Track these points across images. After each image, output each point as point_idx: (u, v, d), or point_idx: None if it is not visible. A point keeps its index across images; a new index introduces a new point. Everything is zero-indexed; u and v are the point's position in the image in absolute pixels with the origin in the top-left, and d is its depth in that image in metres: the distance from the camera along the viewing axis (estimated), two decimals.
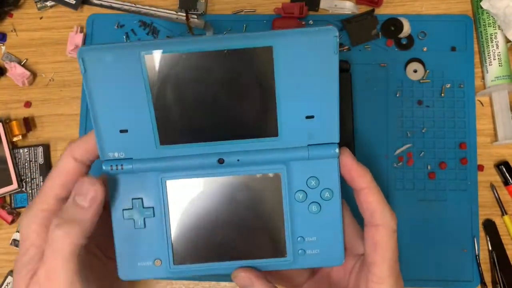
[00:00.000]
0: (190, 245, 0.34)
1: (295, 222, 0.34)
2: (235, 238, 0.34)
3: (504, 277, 0.48)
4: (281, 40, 0.30)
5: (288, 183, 0.33)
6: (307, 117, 0.32)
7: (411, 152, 0.50)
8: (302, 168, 0.33)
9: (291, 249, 0.34)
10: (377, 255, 0.32)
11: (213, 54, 0.30)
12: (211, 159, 0.33)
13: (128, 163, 0.33)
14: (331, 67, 0.31)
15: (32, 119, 0.53)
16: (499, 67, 0.50)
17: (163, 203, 0.33)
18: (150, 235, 0.34)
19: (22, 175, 0.51)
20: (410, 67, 0.51)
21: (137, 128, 0.32)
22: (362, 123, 0.50)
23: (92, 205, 0.30)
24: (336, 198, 0.34)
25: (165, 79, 0.31)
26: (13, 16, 0.54)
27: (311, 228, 0.34)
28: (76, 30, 0.53)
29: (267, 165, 0.33)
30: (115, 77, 0.31)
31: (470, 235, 0.49)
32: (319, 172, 0.33)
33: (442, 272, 0.48)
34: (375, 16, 0.52)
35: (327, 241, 0.34)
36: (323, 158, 0.33)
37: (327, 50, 0.30)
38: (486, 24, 0.51)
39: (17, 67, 0.52)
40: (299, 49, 0.30)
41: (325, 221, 0.34)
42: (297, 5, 0.51)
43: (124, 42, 0.29)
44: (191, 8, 0.53)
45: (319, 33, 0.30)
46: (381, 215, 0.32)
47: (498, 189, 0.50)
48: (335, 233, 0.34)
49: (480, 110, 0.51)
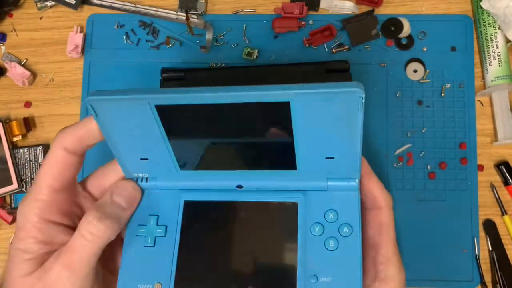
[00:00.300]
0: (194, 273, 0.32)
1: (309, 258, 0.31)
2: (243, 271, 0.31)
3: (504, 277, 0.48)
4: (299, 97, 0.27)
5: (305, 213, 0.32)
6: (327, 157, 0.31)
7: (411, 152, 0.50)
8: (320, 200, 0.32)
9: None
10: (383, 236, 0.33)
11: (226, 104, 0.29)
12: (230, 182, 0.33)
13: (152, 180, 0.33)
14: (355, 122, 0.28)
15: (32, 119, 0.53)
16: (499, 67, 0.50)
17: (177, 222, 0.33)
18: (157, 255, 0.32)
19: (22, 175, 0.51)
20: (410, 67, 0.51)
21: (156, 158, 0.32)
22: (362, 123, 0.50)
23: (130, 207, 0.31)
24: (356, 235, 0.31)
25: (179, 121, 0.30)
26: (13, 16, 0.54)
27: (326, 266, 0.31)
28: (76, 30, 0.53)
29: (285, 193, 0.32)
30: (126, 120, 0.30)
31: (470, 235, 0.49)
32: (338, 206, 0.32)
33: (442, 272, 0.48)
34: (375, 16, 0.52)
35: (344, 283, 0.30)
36: (342, 190, 0.32)
37: (352, 109, 0.27)
38: (486, 24, 0.51)
39: (17, 67, 0.52)
40: (320, 105, 0.27)
41: (342, 260, 0.31)
42: (297, 5, 0.51)
43: (133, 90, 0.28)
44: (191, 8, 0.53)
45: (345, 95, 0.27)
46: (382, 197, 0.33)
47: (498, 189, 0.50)
48: (353, 275, 0.30)
49: (480, 110, 0.51)
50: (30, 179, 0.51)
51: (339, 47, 0.52)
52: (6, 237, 0.51)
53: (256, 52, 0.52)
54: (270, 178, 0.32)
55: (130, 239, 0.33)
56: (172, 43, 0.53)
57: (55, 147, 0.31)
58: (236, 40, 0.52)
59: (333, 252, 0.31)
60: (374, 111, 0.51)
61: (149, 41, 0.53)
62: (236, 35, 0.53)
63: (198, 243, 0.32)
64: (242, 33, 0.52)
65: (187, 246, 0.32)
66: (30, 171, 0.51)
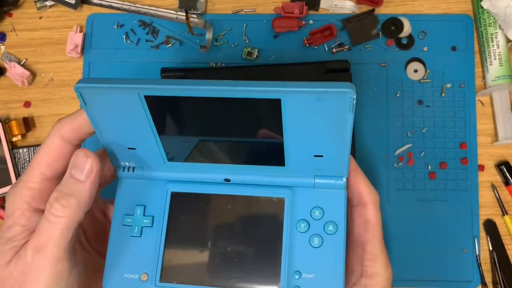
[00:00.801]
0: (180, 264, 0.32)
1: (293, 255, 0.31)
2: (228, 264, 0.32)
3: (504, 277, 0.48)
4: (291, 95, 0.27)
5: (292, 210, 0.32)
6: (316, 155, 0.31)
7: (411, 152, 0.50)
8: (307, 197, 0.32)
9: (285, 284, 0.31)
10: (369, 233, 0.33)
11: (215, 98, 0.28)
12: (218, 175, 0.33)
13: (139, 169, 0.33)
14: (345, 123, 0.28)
15: (31, 119, 0.53)
16: (500, 67, 0.50)
17: (163, 213, 0.33)
18: (144, 245, 0.33)
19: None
20: (410, 67, 0.51)
21: (144, 148, 0.32)
22: (362, 123, 0.50)
23: (88, 178, 0.30)
24: (340, 233, 0.31)
25: (168, 113, 0.30)
26: (12, 16, 0.54)
27: (310, 263, 0.31)
28: (75, 30, 0.53)
29: (272, 189, 0.32)
30: (115, 110, 0.30)
31: (471, 235, 0.49)
32: (325, 203, 0.32)
33: (442, 272, 0.48)
34: (375, 16, 0.52)
35: (326, 281, 0.31)
36: (329, 188, 0.32)
37: (343, 109, 0.27)
38: (486, 24, 0.50)
39: (17, 67, 0.52)
40: (311, 104, 0.28)
41: (326, 257, 0.31)
42: (297, 4, 0.51)
43: (123, 80, 0.27)
44: (191, 8, 0.53)
45: (336, 95, 0.27)
46: (369, 194, 0.34)
47: (499, 189, 0.50)
48: (336, 273, 0.31)
49: (480, 110, 0.51)
50: None
51: (339, 47, 0.52)
52: None
53: (256, 52, 0.52)
54: (258, 173, 0.32)
55: (117, 228, 0.33)
56: (172, 43, 0.53)
57: (52, 135, 0.31)
58: (236, 40, 0.52)
59: (317, 250, 0.31)
60: (374, 111, 0.51)
61: (149, 41, 0.53)
62: (236, 34, 0.52)
63: (184, 234, 0.33)
64: (242, 32, 0.52)
65: (174, 236, 0.32)
66: None
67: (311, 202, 0.32)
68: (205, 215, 0.33)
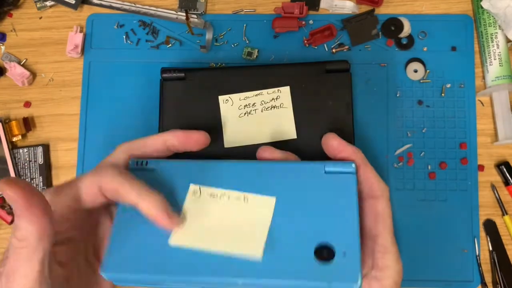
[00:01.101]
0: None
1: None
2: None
3: (504, 278, 0.48)
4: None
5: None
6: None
7: (411, 152, 0.50)
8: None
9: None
10: (380, 225, 0.34)
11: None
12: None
13: (153, 163, 0.35)
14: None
15: (31, 119, 0.53)
16: (500, 67, 0.50)
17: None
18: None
19: (22, 175, 0.51)
20: (410, 67, 0.51)
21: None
22: (362, 123, 0.50)
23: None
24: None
25: None
26: (12, 16, 0.54)
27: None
28: (75, 30, 0.53)
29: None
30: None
31: (471, 235, 0.49)
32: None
33: (442, 273, 0.48)
34: (375, 16, 0.52)
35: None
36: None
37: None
38: (486, 24, 0.50)
39: (17, 67, 0.52)
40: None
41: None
42: (297, 4, 0.51)
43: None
44: (191, 8, 0.53)
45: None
46: (379, 187, 0.34)
47: (499, 189, 0.50)
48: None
49: (480, 110, 0.51)
50: (29, 179, 0.51)
51: (339, 47, 0.52)
52: (6, 237, 0.51)
53: (256, 52, 0.52)
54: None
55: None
56: (172, 43, 0.53)
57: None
58: (236, 40, 0.52)
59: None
60: (374, 111, 0.51)
61: (149, 41, 0.53)
62: (236, 35, 0.52)
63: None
64: (242, 33, 0.52)
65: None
66: (30, 171, 0.51)
67: None
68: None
